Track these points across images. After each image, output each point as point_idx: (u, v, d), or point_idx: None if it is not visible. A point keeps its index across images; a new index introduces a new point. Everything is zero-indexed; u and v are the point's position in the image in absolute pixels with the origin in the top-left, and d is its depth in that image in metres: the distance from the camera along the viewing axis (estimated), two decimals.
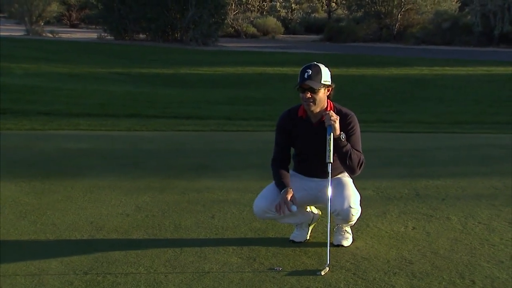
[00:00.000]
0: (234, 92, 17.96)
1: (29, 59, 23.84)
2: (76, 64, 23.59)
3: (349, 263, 4.27)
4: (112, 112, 12.87)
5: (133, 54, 28.80)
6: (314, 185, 4.54)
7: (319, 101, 4.33)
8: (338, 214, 4.38)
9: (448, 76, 21.78)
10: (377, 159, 7.58)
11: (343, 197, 4.35)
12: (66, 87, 17.45)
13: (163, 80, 20.53)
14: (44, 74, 20.47)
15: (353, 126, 4.41)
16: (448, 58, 27.62)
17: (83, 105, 14.09)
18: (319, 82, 4.28)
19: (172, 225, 5.13)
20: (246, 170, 7.10)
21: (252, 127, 10.80)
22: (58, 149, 8.55)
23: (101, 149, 8.65)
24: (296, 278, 4.04)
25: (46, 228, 5.08)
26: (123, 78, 20.96)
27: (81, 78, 20.01)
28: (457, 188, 6.21)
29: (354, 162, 4.35)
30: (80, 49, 30.02)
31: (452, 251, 4.48)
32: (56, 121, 11.37)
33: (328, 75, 4.34)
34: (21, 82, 17.62)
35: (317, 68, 4.30)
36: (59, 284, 4.02)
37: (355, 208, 4.38)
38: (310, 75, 4.26)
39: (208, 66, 24.27)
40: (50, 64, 23.20)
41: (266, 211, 4.47)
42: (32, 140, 9.20)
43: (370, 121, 11.87)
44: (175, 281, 4.02)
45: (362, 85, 19.53)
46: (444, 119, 12.37)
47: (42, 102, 14.11)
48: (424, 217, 5.25)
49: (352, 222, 4.51)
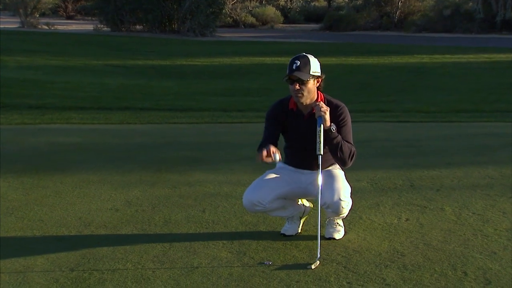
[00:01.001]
0: (231, 83, 17.93)
1: (23, 52, 23.80)
2: (71, 57, 23.56)
3: (340, 256, 4.27)
4: (105, 105, 12.84)
5: (129, 46, 28.72)
6: (304, 178, 4.54)
7: (309, 93, 4.32)
8: (328, 207, 4.37)
9: (449, 64, 21.73)
10: (372, 149, 7.58)
11: (333, 190, 4.34)
12: (60, 80, 17.42)
13: (159, 72, 20.49)
14: (38, 67, 20.44)
15: (344, 117, 4.40)
16: (449, 45, 27.56)
17: (76, 98, 14.07)
18: (308, 73, 4.26)
19: (162, 220, 5.12)
20: (239, 162, 7.09)
21: (247, 119, 10.79)
22: (48, 143, 8.54)
23: (92, 143, 8.64)
24: (285, 272, 4.04)
25: (33, 224, 5.08)
26: (119, 70, 20.92)
27: (75, 71, 19.97)
28: (453, 178, 6.20)
29: (345, 154, 4.35)
30: (75, 41, 29.95)
31: (445, 242, 4.48)
32: (48, 115, 11.34)
33: (317, 66, 4.32)
34: (13, 76, 17.59)
35: (306, 59, 4.28)
36: (44, 281, 4.01)
37: (345, 201, 4.36)
38: (299, 66, 4.25)
39: (205, 57, 24.22)
40: (44, 56, 23.17)
41: (255, 204, 4.46)
42: (22, 135, 9.18)
43: (368, 110, 11.85)
44: (162, 277, 4.02)
45: (361, 74, 19.49)
46: (442, 108, 12.34)
47: (34, 96, 14.08)
48: (418, 208, 5.25)
49: (343, 215, 4.50)
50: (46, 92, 14.91)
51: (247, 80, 18.51)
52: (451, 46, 27.05)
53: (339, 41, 30.61)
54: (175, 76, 19.53)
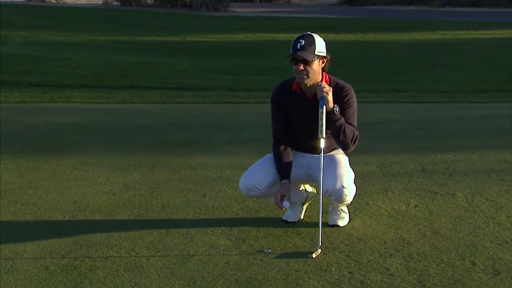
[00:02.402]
0: (241, 60, 17.85)
1: (29, 27, 23.84)
2: (77, 32, 23.55)
3: (343, 244, 4.24)
4: (109, 83, 12.85)
5: (138, 21, 28.70)
6: (306, 162, 4.50)
7: (313, 74, 4.26)
8: (331, 194, 4.33)
9: (472, 40, 21.47)
10: (384, 131, 7.53)
11: (335, 177, 4.30)
12: (63, 57, 17.44)
13: (168, 49, 20.44)
14: (43, 42, 20.47)
15: (350, 99, 4.34)
16: (473, 20, 27.20)
17: (79, 75, 14.08)
18: (312, 53, 4.20)
19: (160, 205, 5.12)
20: (243, 145, 7.07)
21: (255, 99, 10.74)
22: (47, 123, 8.58)
23: (93, 123, 8.66)
24: (285, 261, 4.02)
25: (26, 208, 5.09)
26: (125, 46, 20.90)
27: (80, 47, 19.99)
28: (467, 162, 6.14)
29: (347, 137, 4.29)
30: (83, 16, 29.96)
31: (454, 230, 4.43)
32: (48, 93, 11.37)
33: (322, 45, 4.26)
34: (16, 52, 17.64)
35: (311, 38, 4.22)
36: (33, 268, 4.02)
37: (348, 188, 4.33)
38: (303, 45, 4.18)
39: (216, 33, 24.13)
40: (50, 32, 23.19)
41: (251, 189, 4.44)
42: (21, 114, 9.22)
43: (382, 90, 11.76)
44: (156, 265, 4.01)
45: (378, 52, 19.32)
46: (461, 88, 12.19)
47: (35, 73, 14.11)
48: (428, 194, 5.20)
49: (346, 202, 4.46)
50: (48, 69, 14.94)
51: (258, 57, 18.43)
52: (475, 21, 26.70)
53: (357, 16, 30.34)
54: (184, 53, 19.48)
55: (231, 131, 7.94)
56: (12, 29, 22.41)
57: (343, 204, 4.50)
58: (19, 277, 3.92)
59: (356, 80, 13.24)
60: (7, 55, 16.62)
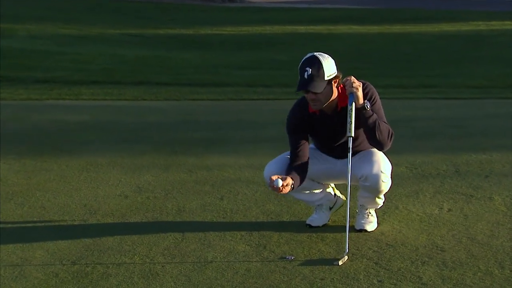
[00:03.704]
0: (259, 54, 17.88)
1: (33, 19, 24.01)
2: (85, 25, 23.70)
3: (372, 250, 4.22)
4: (119, 79, 12.93)
5: (150, 13, 28.82)
6: (340, 163, 4.46)
7: (327, 98, 4.20)
8: (366, 179, 4.29)
9: (508, 31, 21.34)
10: (413, 130, 7.48)
11: (373, 162, 4.29)
12: (71, 51, 17.57)
13: (181, 42, 20.52)
14: (49, 36, 20.64)
15: (372, 95, 4.27)
16: (509, 10, 26.98)
17: (88, 71, 14.19)
18: (322, 80, 4.10)
19: (175, 208, 5.13)
20: (263, 144, 7.07)
21: (275, 95, 10.75)
22: (54, 121, 8.65)
23: (103, 121, 8.71)
24: (309, 268, 4.01)
25: (34, 212, 5.13)
26: (136, 40, 21.02)
27: (89, 41, 20.12)
28: (504, 163, 6.08)
29: (384, 133, 4.22)
30: (92, 7, 30.07)
31: (492, 236, 4.39)
32: (56, 90, 11.47)
33: (331, 66, 4.14)
34: (21, 46, 17.81)
35: (317, 62, 4.11)
36: (43, 275, 4.05)
37: (386, 174, 4.30)
38: (311, 74, 4.09)
39: (232, 26, 24.19)
40: (57, 24, 23.35)
41: None
42: (27, 112, 9.31)
43: (410, 86, 11.73)
44: (172, 272, 4.02)
45: (406, 45, 19.25)
46: (497, 83, 12.12)
47: (42, 68, 14.23)
48: (463, 197, 5.16)
49: (382, 191, 4.39)
50: (55, 65, 15.06)
51: (276, 51, 18.45)
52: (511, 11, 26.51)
53: (382, 6, 30.19)
54: (197, 47, 19.54)
55: (249, 129, 7.95)
56: (16, 22, 22.57)
57: (377, 194, 4.41)
58: (28, 284, 3.94)
59: (382, 75, 13.20)
60: (11, 49, 16.78)
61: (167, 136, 7.61)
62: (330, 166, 4.50)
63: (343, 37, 20.93)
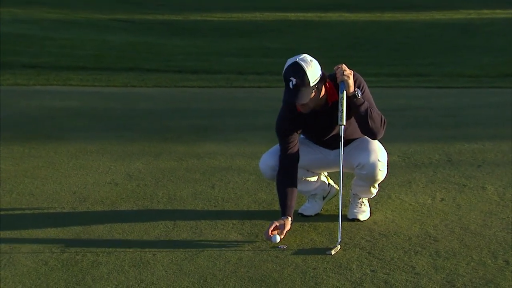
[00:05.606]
0: (250, 42, 17.85)
1: (19, 3, 23.82)
2: (72, 9, 23.60)
3: (365, 240, 4.23)
4: (108, 65, 12.89)
5: None
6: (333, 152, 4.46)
7: (315, 100, 4.14)
8: (363, 167, 4.29)
9: (499, 20, 21.41)
10: (406, 119, 7.50)
11: (369, 151, 4.29)
12: (58, 36, 17.49)
13: (170, 28, 20.46)
14: (35, 20, 20.52)
15: (360, 84, 4.23)
16: None
17: (76, 57, 14.13)
18: (308, 87, 4.03)
19: (166, 196, 5.13)
20: (254, 132, 7.07)
21: (266, 83, 10.75)
22: (42, 107, 8.60)
23: (92, 108, 8.68)
24: (302, 257, 4.01)
25: (23, 199, 5.11)
26: (125, 25, 20.94)
27: (76, 26, 20.03)
28: (497, 152, 6.12)
29: (376, 121, 4.20)
30: None
31: (485, 226, 4.42)
32: (43, 76, 11.41)
33: (315, 71, 4.05)
34: (7, 30, 17.66)
35: (301, 70, 4.01)
36: (32, 263, 4.03)
37: (383, 163, 4.31)
38: (296, 84, 4.01)
39: (222, 12, 24.13)
40: (43, 8, 23.23)
41: (274, 168, 4.39)
42: (14, 97, 9.26)
43: (402, 75, 11.73)
44: (163, 261, 4.01)
45: (398, 33, 19.27)
46: (488, 72, 12.17)
47: (29, 54, 14.16)
48: (456, 187, 5.19)
49: (377, 181, 4.40)
50: (42, 50, 14.98)
51: (267, 38, 18.42)
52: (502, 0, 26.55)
53: None
54: (187, 33, 19.49)
55: (240, 117, 7.95)
56: (1, 5, 22.38)
57: (373, 183, 4.42)
58: (17, 272, 3.92)
59: (374, 63, 13.23)
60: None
61: (157, 123, 7.60)
62: (323, 155, 4.50)
63: (334, 24, 20.94)
